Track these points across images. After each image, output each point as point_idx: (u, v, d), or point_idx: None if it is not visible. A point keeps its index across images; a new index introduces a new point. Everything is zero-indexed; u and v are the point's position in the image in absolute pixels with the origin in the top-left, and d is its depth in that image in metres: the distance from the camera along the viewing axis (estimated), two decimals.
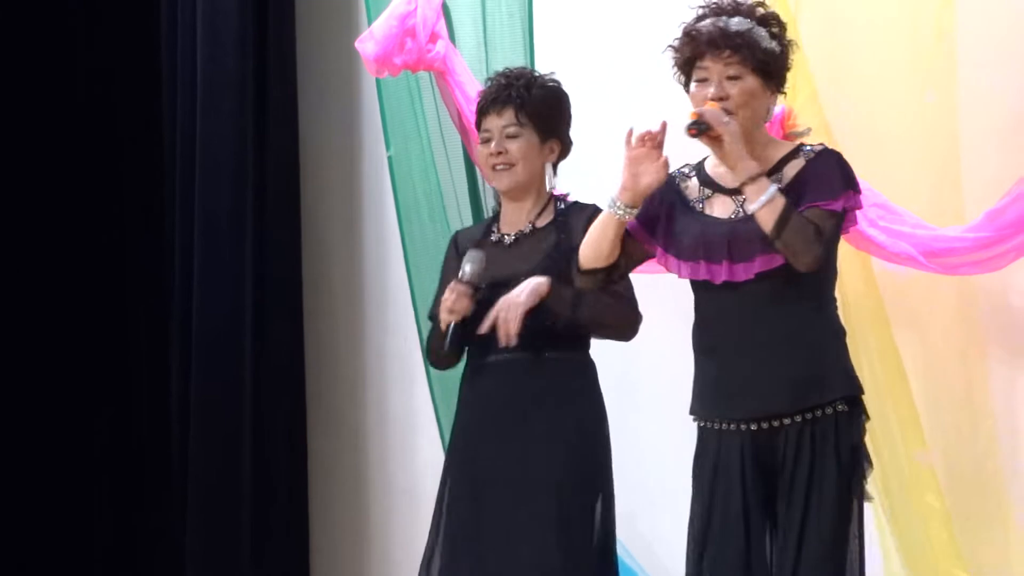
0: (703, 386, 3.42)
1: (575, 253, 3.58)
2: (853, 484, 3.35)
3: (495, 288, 3.78)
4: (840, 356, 3.42)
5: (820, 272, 3.35)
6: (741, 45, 3.33)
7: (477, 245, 3.94)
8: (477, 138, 4.02)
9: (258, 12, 5.48)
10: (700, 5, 3.41)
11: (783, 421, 3.34)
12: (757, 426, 3.34)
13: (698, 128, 3.26)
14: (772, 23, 3.39)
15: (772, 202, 3.25)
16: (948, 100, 3.75)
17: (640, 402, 4.54)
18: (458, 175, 4.70)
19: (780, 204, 3.25)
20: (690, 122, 3.26)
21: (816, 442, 3.33)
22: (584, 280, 3.50)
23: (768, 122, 3.50)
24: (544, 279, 3.74)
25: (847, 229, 3.42)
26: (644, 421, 4.51)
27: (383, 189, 5.28)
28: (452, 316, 3.80)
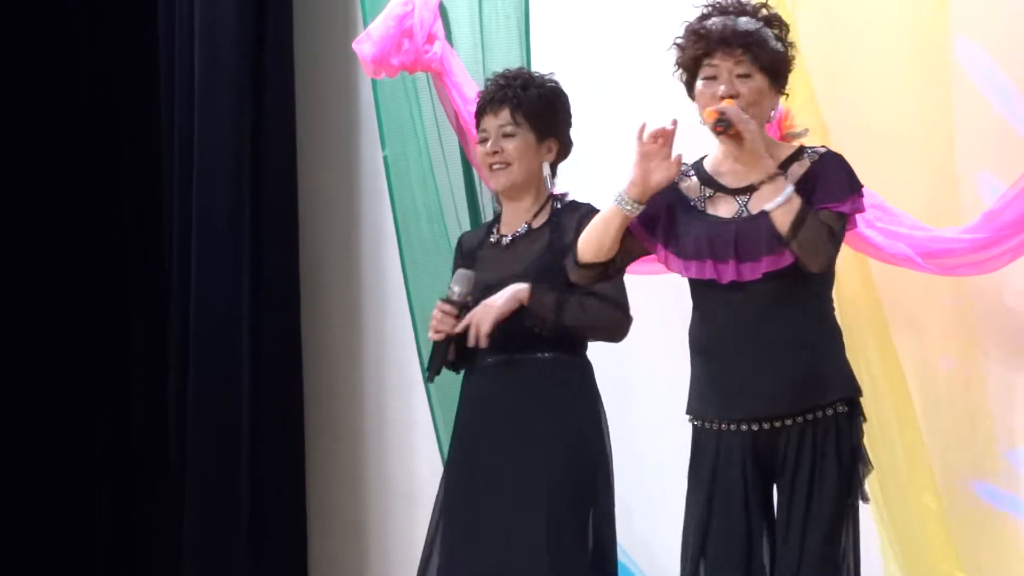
0: (702, 386, 3.42)
1: (568, 251, 3.59)
2: (852, 485, 3.36)
3: (488, 290, 3.78)
4: (840, 357, 3.42)
5: (824, 275, 3.36)
6: (752, 44, 3.34)
7: (478, 246, 3.95)
8: (475, 139, 4.03)
9: (256, 13, 5.48)
10: (704, 4, 3.41)
11: (784, 422, 3.34)
12: (758, 427, 3.34)
13: (724, 125, 3.25)
14: (776, 24, 3.40)
15: (789, 202, 3.25)
16: (944, 101, 3.75)
17: (637, 402, 4.53)
18: (455, 177, 4.69)
19: (797, 204, 3.25)
20: (716, 119, 3.25)
21: (817, 443, 3.33)
22: (581, 274, 3.50)
23: (769, 123, 3.50)
24: (524, 285, 3.74)
25: (847, 231, 3.42)
26: (641, 421, 4.51)
27: (381, 190, 5.27)
28: (437, 336, 3.81)
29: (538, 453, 3.75)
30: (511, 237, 3.89)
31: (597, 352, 3.91)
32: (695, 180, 3.45)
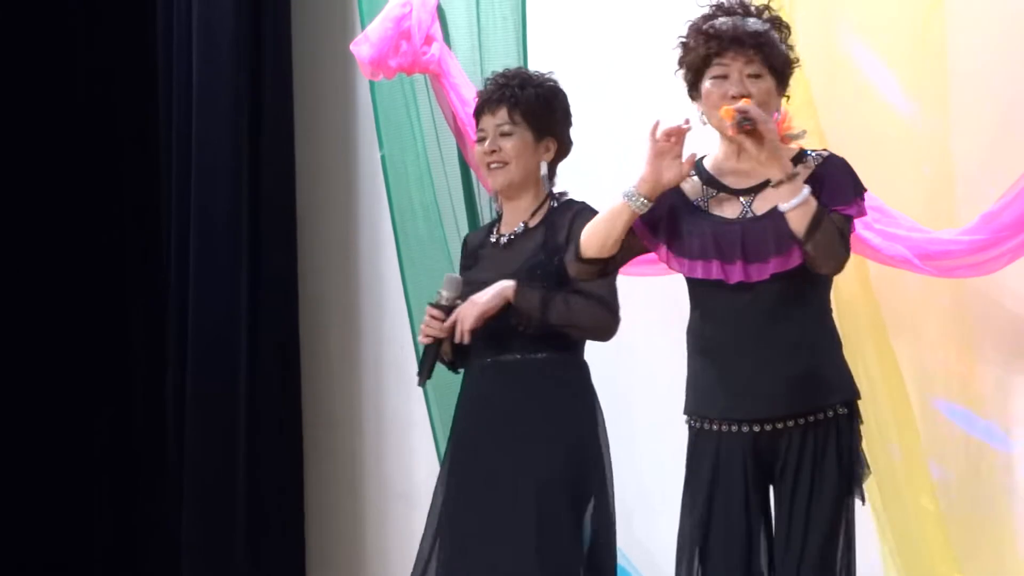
0: (704, 386, 3.41)
1: (560, 250, 3.61)
2: (851, 486, 3.37)
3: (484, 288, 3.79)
4: (840, 359, 3.42)
5: (825, 277, 3.37)
6: (763, 44, 3.34)
7: (480, 245, 3.96)
8: (472, 140, 4.02)
9: (253, 14, 5.49)
10: (708, 4, 3.40)
11: (786, 423, 3.34)
12: (760, 428, 3.34)
13: (750, 124, 3.22)
14: (780, 27, 3.41)
15: (806, 203, 3.24)
16: (940, 103, 3.75)
17: (636, 403, 4.53)
18: (453, 178, 4.69)
19: (813, 206, 3.25)
20: (742, 117, 3.22)
21: (818, 444, 3.34)
22: (582, 269, 3.48)
23: None
24: (511, 282, 3.74)
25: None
26: (640, 422, 4.51)
27: (379, 191, 5.27)
28: (426, 340, 3.82)
29: (533, 453, 3.74)
30: (509, 237, 3.89)
31: (596, 353, 3.90)
32: (696, 180, 3.44)
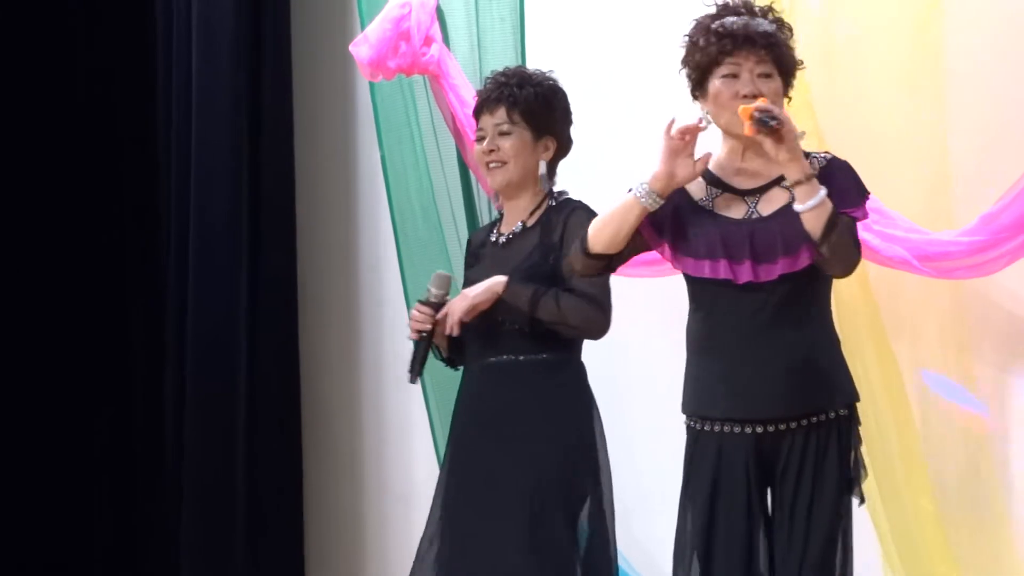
0: (705, 386, 3.40)
1: (554, 249, 3.64)
2: (851, 487, 3.38)
3: None
4: (842, 361, 3.43)
5: (827, 280, 3.37)
6: (773, 44, 3.34)
7: (481, 244, 3.96)
8: (471, 141, 4.02)
9: (253, 15, 5.49)
10: (715, 3, 3.39)
11: (789, 425, 3.34)
12: (763, 429, 3.34)
13: (778, 123, 3.20)
14: (784, 28, 3.41)
15: (823, 204, 3.23)
16: (938, 104, 3.74)
17: (635, 404, 4.53)
18: (452, 180, 4.70)
19: (829, 207, 3.24)
20: (765, 117, 3.20)
21: (820, 446, 3.34)
22: (588, 264, 3.45)
23: None
24: (502, 278, 3.75)
25: None
26: (638, 422, 4.51)
27: (378, 192, 5.27)
28: (414, 335, 3.83)
29: (529, 453, 3.74)
30: (508, 236, 3.89)
31: (595, 353, 3.90)
32: (701, 180, 3.43)
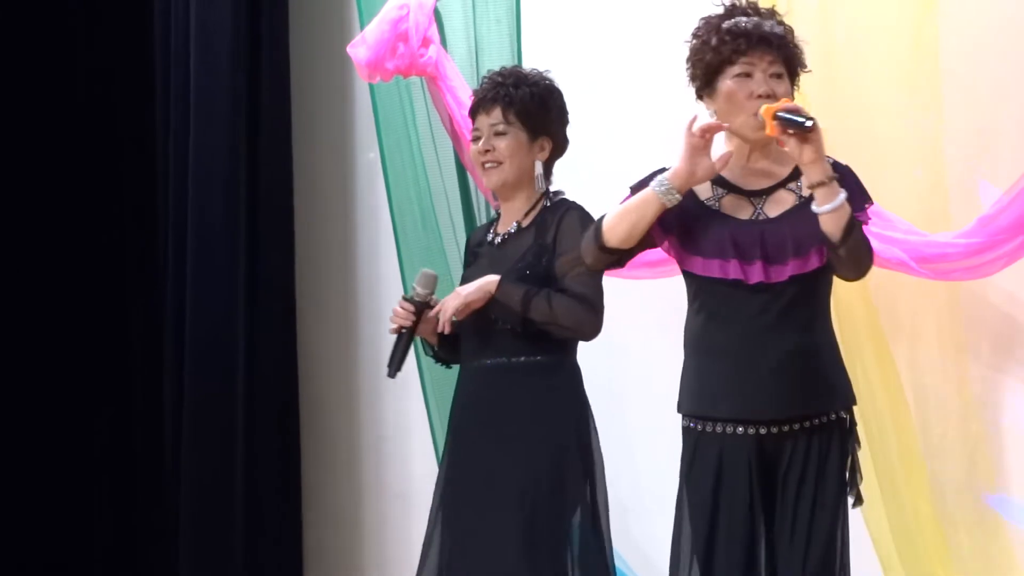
0: (707, 387, 3.40)
1: (550, 250, 3.65)
2: (850, 488, 3.40)
3: None
4: (842, 363, 3.43)
5: (829, 283, 3.38)
6: (785, 45, 3.35)
7: (478, 244, 3.96)
8: (468, 143, 4.02)
9: (251, 17, 5.48)
10: (722, 4, 3.40)
11: (792, 426, 3.34)
12: (766, 430, 3.34)
13: (813, 122, 3.19)
14: (789, 31, 3.41)
15: (842, 207, 3.23)
16: (933, 106, 3.75)
17: (631, 404, 4.53)
18: (449, 181, 4.69)
19: (848, 211, 3.24)
20: (797, 116, 3.18)
21: (821, 448, 3.35)
22: (601, 258, 3.43)
23: None
24: (495, 277, 3.75)
25: None
26: (635, 423, 4.51)
27: (376, 192, 5.27)
28: (395, 330, 3.85)
29: (523, 454, 3.74)
30: (503, 236, 3.89)
31: (593, 354, 3.90)
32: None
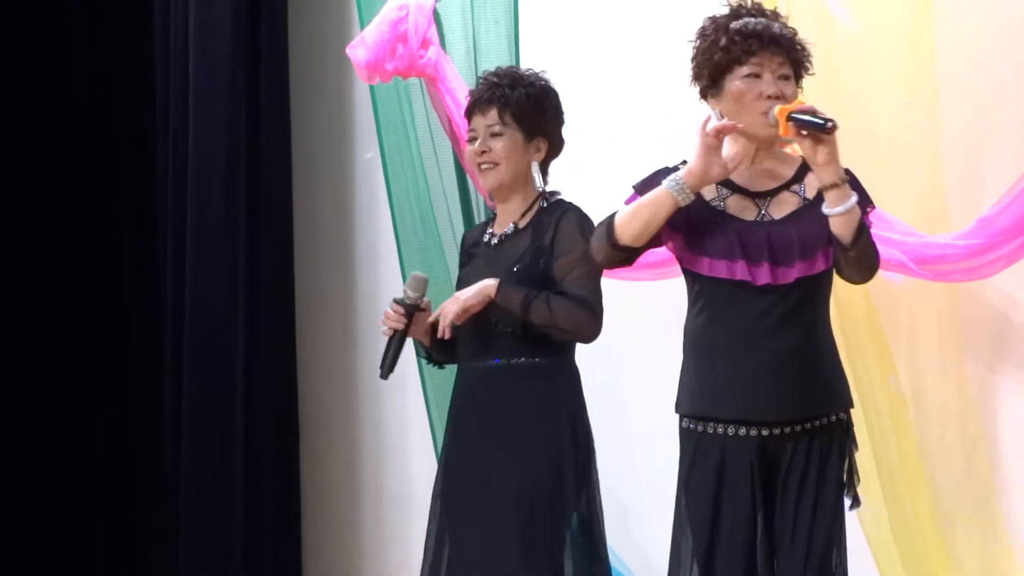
0: (709, 388, 3.39)
1: (548, 252, 3.65)
2: (848, 489, 3.41)
3: None
4: (841, 366, 3.44)
5: (830, 286, 3.39)
6: (793, 47, 3.35)
7: (474, 244, 3.95)
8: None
9: (251, 18, 5.48)
10: (728, 4, 3.40)
11: (794, 428, 3.35)
12: (768, 431, 3.34)
13: (833, 123, 3.18)
14: (795, 32, 3.40)
15: (853, 210, 3.24)
16: (930, 107, 3.75)
17: (630, 405, 4.53)
18: (449, 182, 4.69)
19: (858, 213, 3.25)
20: (816, 117, 3.18)
21: (822, 450, 3.36)
22: (612, 256, 3.40)
23: None
24: (494, 281, 3.74)
25: None
26: (634, 424, 4.51)
27: (375, 193, 5.28)
28: (387, 332, 3.85)
29: (521, 454, 3.73)
30: (500, 237, 3.88)
31: (592, 355, 3.89)
32: None
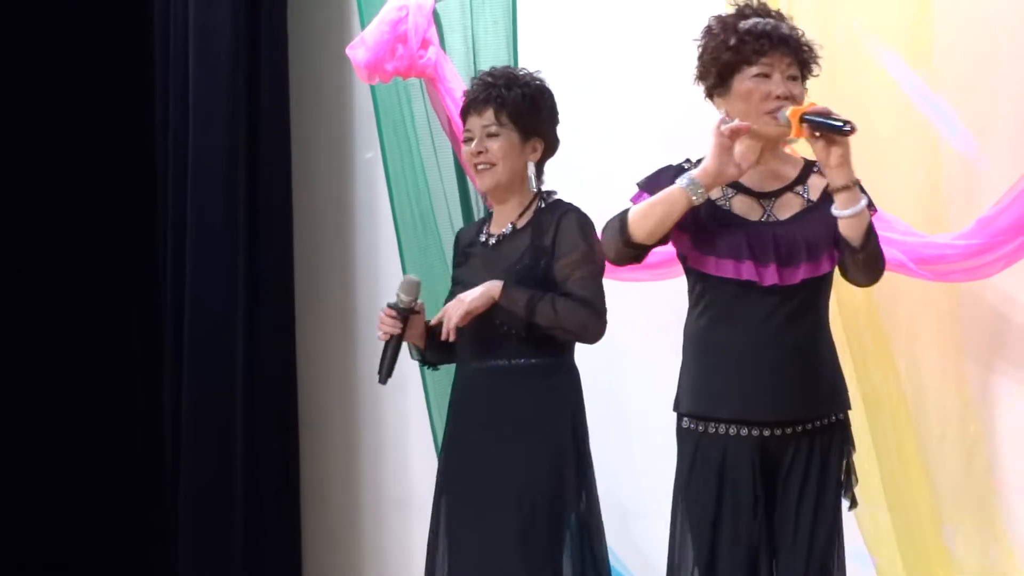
0: (711, 388, 3.40)
1: (548, 252, 3.65)
2: (845, 491, 3.42)
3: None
4: (840, 367, 3.45)
5: (830, 288, 3.40)
6: (801, 49, 3.36)
7: (469, 244, 3.95)
8: None
9: (250, 18, 5.48)
10: (735, 4, 3.40)
11: (795, 428, 3.36)
12: (770, 432, 3.35)
13: (851, 125, 3.19)
14: (802, 32, 3.41)
15: (863, 213, 3.25)
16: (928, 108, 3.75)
17: (630, 406, 4.53)
18: (449, 183, 4.70)
19: (868, 216, 3.27)
20: (832, 119, 3.19)
21: (823, 450, 3.37)
22: (625, 253, 3.40)
23: None
24: (498, 283, 3.73)
25: None
26: (634, 425, 4.51)
27: (375, 193, 5.28)
28: (383, 337, 3.84)
29: (521, 454, 3.73)
30: (498, 237, 3.87)
31: (592, 356, 3.89)
32: None
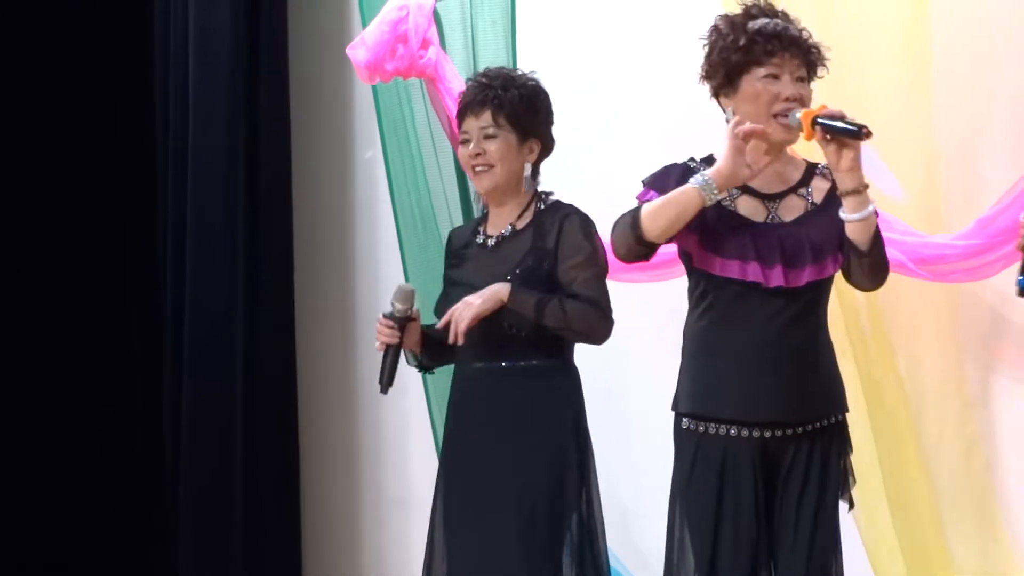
0: (712, 388, 3.40)
1: (552, 253, 3.65)
2: (842, 493, 3.44)
3: (473, 292, 3.76)
4: (838, 369, 3.45)
5: (828, 291, 3.40)
6: (809, 50, 3.36)
7: (465, 245, 3.94)
8: None
9: (250, 18, 5.48)
10: (742, 4, 3.40)
11: (796, 429, 3.36)
12: (771, 433, 3.35)
13: (867, 129, 3.18)
14: (810, 34, 3.41)
15: (871, 217, 3.26)
16: (926, 108, 3.75)
17: (630, 406, 4.53)
18: (449, 183, 4.69)
19: (875, 221, 3.27)
20: (859, 127, 3.18)
21: (823, 451, 3.38)
22: (635, 251, 3.39)
23: None
24: (506, 285, 3.72)
25: None
26: (634, 425, 4.51)
27: (375, 194, 5.28)
28: (381, 347, 3.83)
29: (523, 456, 3.73)
30: (496, 239, 3.87)
31: (592, 357, 3.89)
32: None
